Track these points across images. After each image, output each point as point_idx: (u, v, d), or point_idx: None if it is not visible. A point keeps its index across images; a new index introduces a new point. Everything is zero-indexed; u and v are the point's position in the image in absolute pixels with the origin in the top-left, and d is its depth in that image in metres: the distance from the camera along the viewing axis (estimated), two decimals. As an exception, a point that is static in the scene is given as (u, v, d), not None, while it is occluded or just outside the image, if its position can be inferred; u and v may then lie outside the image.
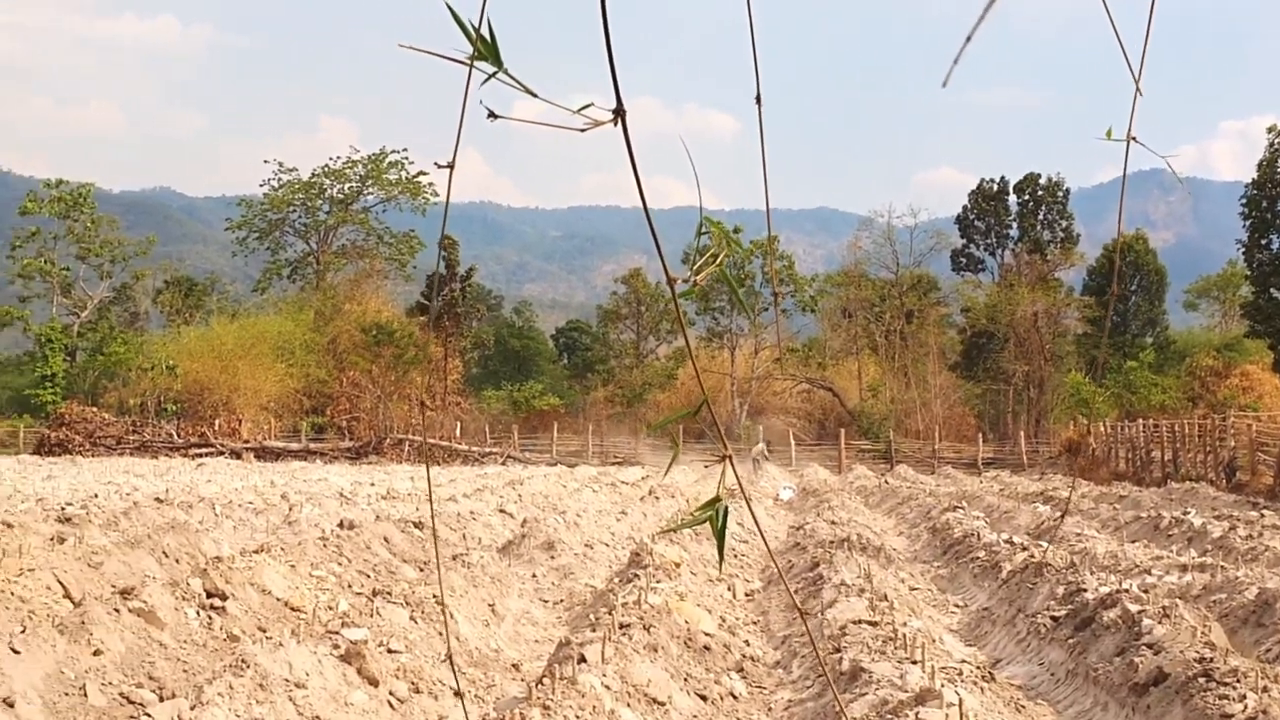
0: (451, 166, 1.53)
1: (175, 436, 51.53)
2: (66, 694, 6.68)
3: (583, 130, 1.53)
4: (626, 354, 72.63)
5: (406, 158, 74.86)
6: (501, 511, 18.76)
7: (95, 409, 55.15)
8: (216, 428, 52.95)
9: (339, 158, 75.17)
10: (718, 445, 1.54)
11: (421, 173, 75.23)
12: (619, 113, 1.51)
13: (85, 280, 70.83)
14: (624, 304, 73.42)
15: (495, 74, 1.49)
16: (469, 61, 1.48)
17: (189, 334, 62.97)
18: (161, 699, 6.75)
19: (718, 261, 1.72)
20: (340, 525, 14.12)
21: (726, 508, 1.56)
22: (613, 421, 62.67)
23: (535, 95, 1.52)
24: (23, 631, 7.04)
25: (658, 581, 10.26)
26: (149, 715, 5.89)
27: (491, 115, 1.55)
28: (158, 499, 17.71)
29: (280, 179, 75.52)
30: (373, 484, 27.10)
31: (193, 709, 5.70)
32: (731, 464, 1.57)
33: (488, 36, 1.47)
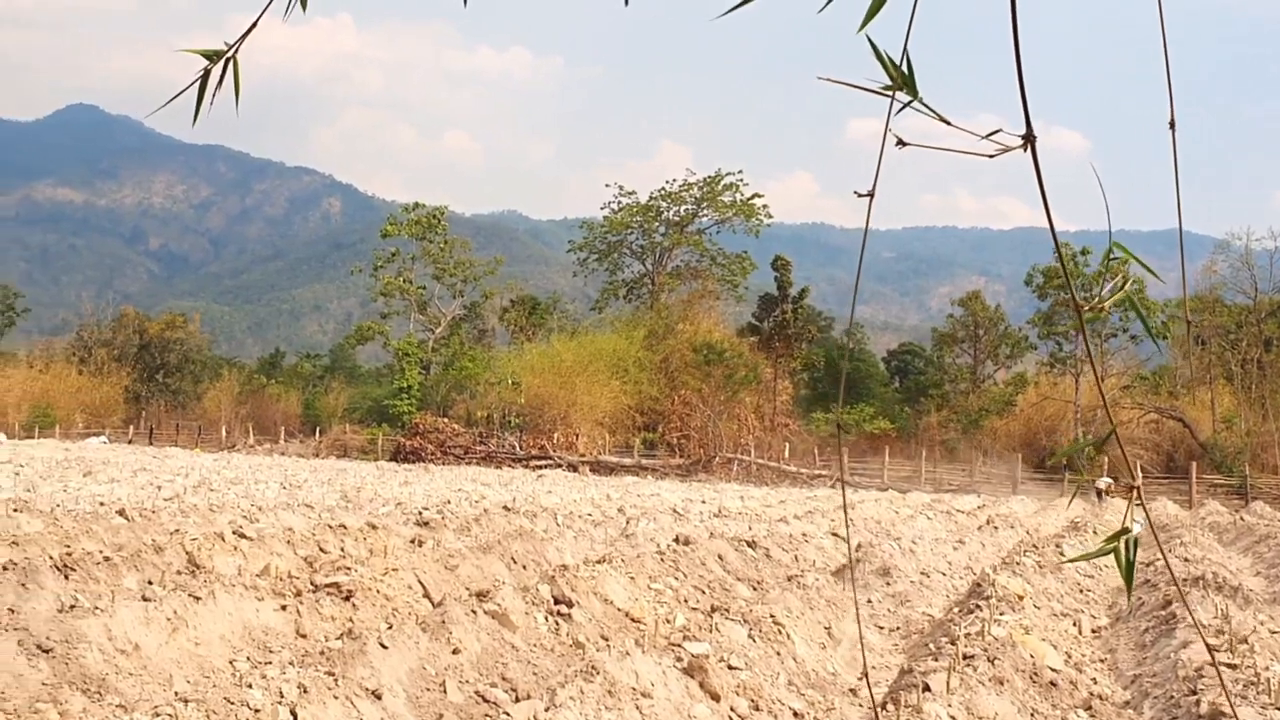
0: (871, 195, 1.55)
1: (517, 448, 53.72)
2: (428, 689, 7.04)
3: (991, 156, 1.51)
4: (962, 378, 70.87)
5: (741, 179, 75.73)
6: (834, 535, 18.64)
7: (446, 420, 58.21)
8: (555, 441, 54.80)
9: (675, 181, 76.80)
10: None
11: (756, 195, 75.95)
12: (1028, 138, 1.49)
13: (439, 298, 75.10)
14: (961, 327, 71.70)
15: (910, 103, 1.50)
16: (884, 92, 1.49)
17: (531, 350, 65.46)
18: (516, 699, 7.05)
19: (1124, 287, 1.66)
20: (676, 540, 14.38)
21: (1136, 539, 1.52)
22: (946, 448, 61.26)
23: (949, 123, 1.52)
24: (389, 628, 7.48)
25: (1001, 613, 9.97)
26: (506, 714, 6.15)
27: (900, 143, 1.56)
28: (505, 507, 18.53)
29: (620, 202, 77.85)
30: (704, 501, 27.48)
31: (546, 711, 5.92)
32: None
33: (905, 69, 1.48)
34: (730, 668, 7.65)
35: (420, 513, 17.83)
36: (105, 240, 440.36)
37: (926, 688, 6.89)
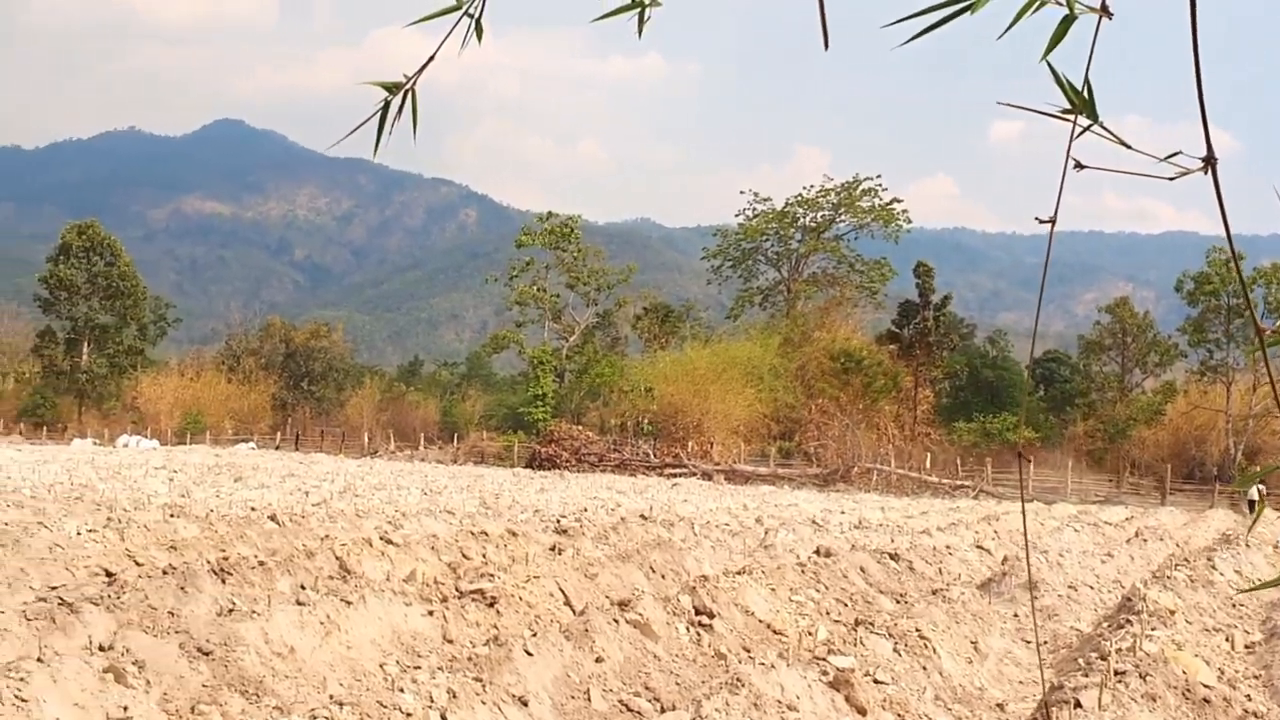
0: (1053, 221, 1.54)
1: (651, 456, 53.83)
2: (572, 697, 7.10)
3: (1171, 179, 1.50)
4: (1109, 387, 69.13)
5: (880, 185, 75.00)
6: (978, 548, 18.34)
7: (580, 427, 58.60)
8: (689, 449, 54.80)
9: (812, 186, 76.39)
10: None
11: (895, 200, 75.18)
12: (1209, 160, 1.47)
13: (573, 306, 75.73)
14: (1108, 334, 69.97)
15: (1090, 127, 1.49)
16: (1064, 116, 1.49)
17: (664, 358, 65.50)
18: (660, 710, 7.08)
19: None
20: (816, 552, 14.28)
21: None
22: (1092, 458, 59.80)
23: (1129, 146, 1.50)
24: (534, 635, 7.56)
25: (1152, 628, 9.71)
26: (652, 724, 6.18)
27: (1079, 165, 1.55)
28: (642, 516, 18.61)
29: (754, 208, 77.68)
30: (843, 512, 27.24)
31: (692, 722, 5.94)
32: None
33: (1086, 93, 1.47)
34: (876, 682, 7.58)
35: (558, 520, 18.01)
36: (252, 252, 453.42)
37: (1078, 704, 6.75)
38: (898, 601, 12.63)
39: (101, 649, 6.56)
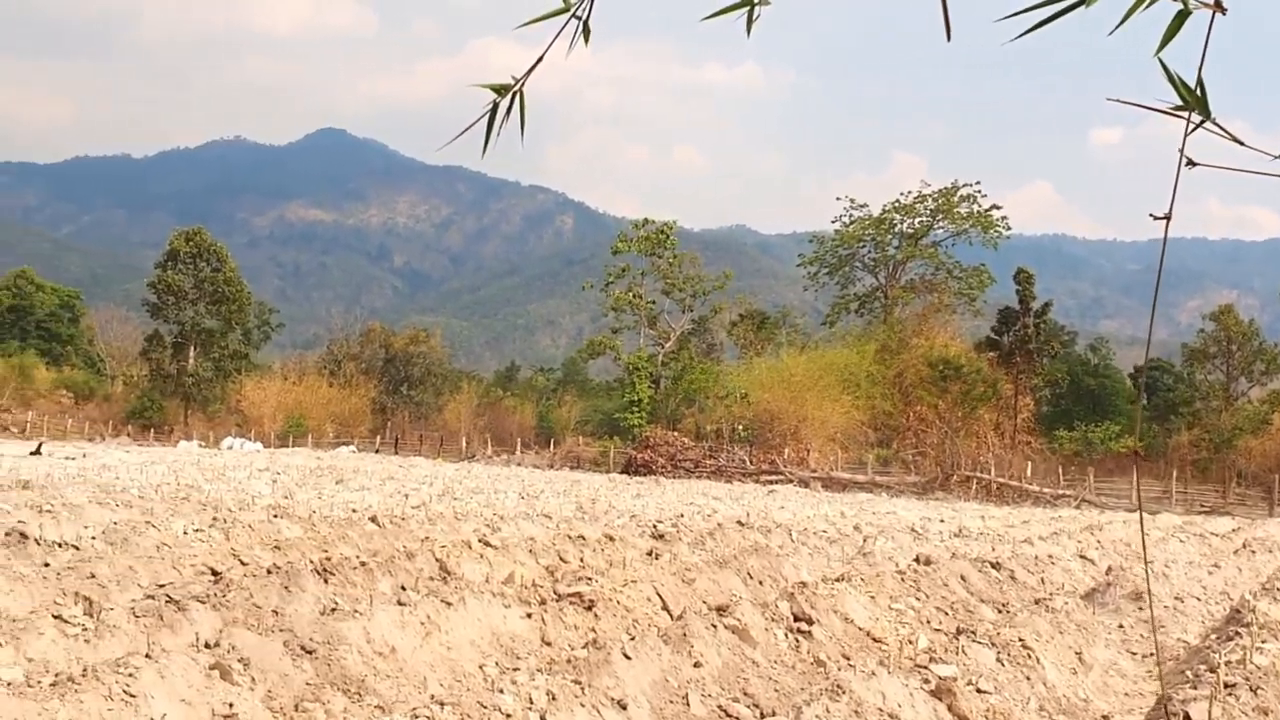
0: (1168, 218, 1.53)
1: (747, 463, 53.64)
2: (670, 702, 7.10)
3: (1287, 176, 1.48)
4: (1214, 396, 67.58)
5: (979, 191, 74.11)
6: (1081, 557, 18.02)
7: (675, 433, 58.58)
8: (786, 456, 54.51)
9: (910, 192, 75.69)
10: None
11: (994, 206, 74.20)
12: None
13: (669, 313, 75.79)
14: (1213, 342, 68.42)
15: (1203, 123, 1.47)
16: (1177, 113, 1.47)
17: (760, 365, 65.28)
18: (760, 716, 7.06)
19: None
20: (916, 560, 14.15)
21: None
22: (1197, 468, 58.46)
23: (1242, 144, 1.49)
24: (632, 639, 7.58)
25: (1263, 641, 9.47)
26: (752, 730, 6.16)
27: (1190, 163, 1.54)
28: (739, 522, 18.57)
29: (851, 215, 77.17)
30: (942, 520, 26.93)
31: (793, 728, 5.92)
32: None
33: (1197, 90, 1.46)
34: (979, 691, 7.49)
35: (655, 525, 18.03)
36: (353, 258, 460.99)
37: (1187, 717, 6.61)
38: (999, 611, 12.46)
39: (207, 646, 6.70)
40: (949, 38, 1.57)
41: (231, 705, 5.96)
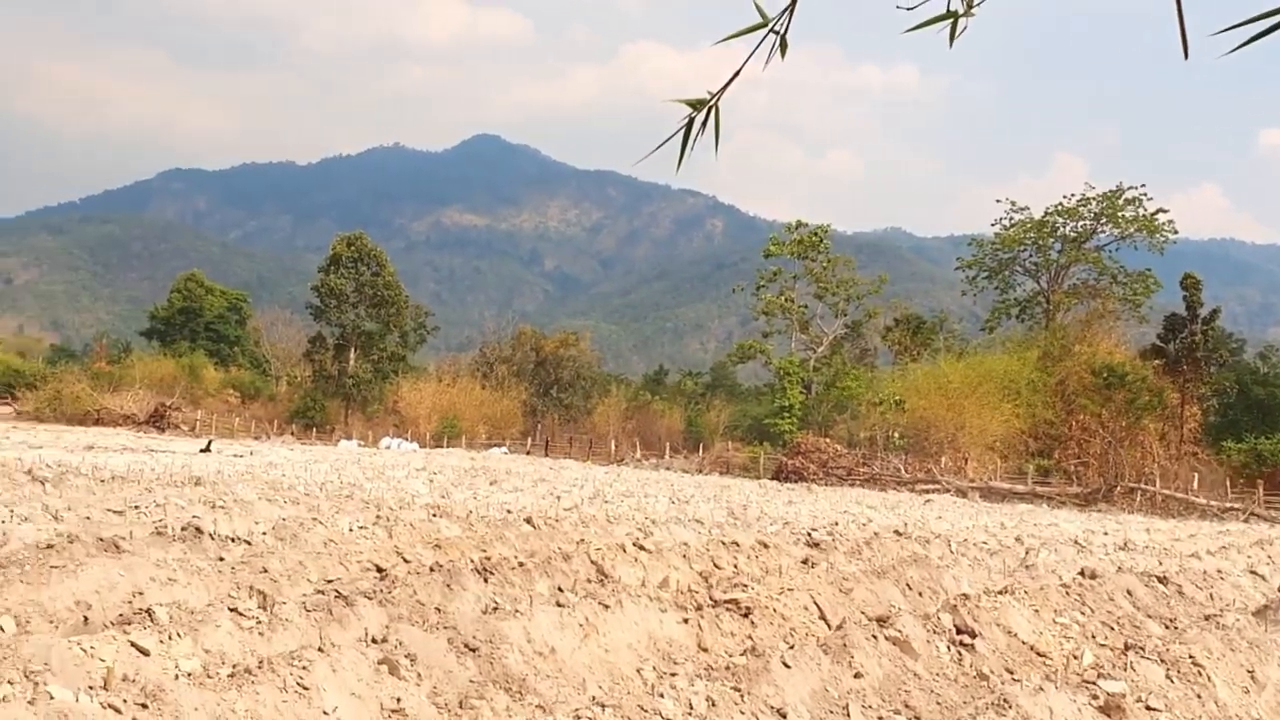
0: None
1: (902, 471, 52.84)
2: (830, 712, 6.99)
3: None
4: (1401, 403, 64.41)
5: (1144, 194, 71.92)
6: (1252, 573, 17.29)
7: (828, 440, 58.01)
8: (943, 464, 53.58)
9: (1072, 195, 73.76)
10: None
11: (1160, 210, 71.94)
12: None
13: (821, 317, 75.13)
14: (1397, 347, 65.35)
15: None
16: None
17: (916, 371, 64.19)
18: (924, 729, 6.90)
19: None
20: (1081, 573, 13.72)
21: None
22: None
23: None
24: (790, 648, 7.48)
25: None
26: (918, 744, 6.01)
27: None
28: (896, 532, 18.27)
29: (1012, 218, 75.55)
30: (1106, 533, 26.16)
31: (960, 744, 5.75)
32: None
33: None
34: (1149, 709, 7.22)
35: (809, 533, 17.84)
36: (505, 262, 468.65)
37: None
38: (1167, 627, 12.02)
39: (375, 641, 6.79)
40: (1186, 55, 1.45)
41: (399, 700, 6.03)
